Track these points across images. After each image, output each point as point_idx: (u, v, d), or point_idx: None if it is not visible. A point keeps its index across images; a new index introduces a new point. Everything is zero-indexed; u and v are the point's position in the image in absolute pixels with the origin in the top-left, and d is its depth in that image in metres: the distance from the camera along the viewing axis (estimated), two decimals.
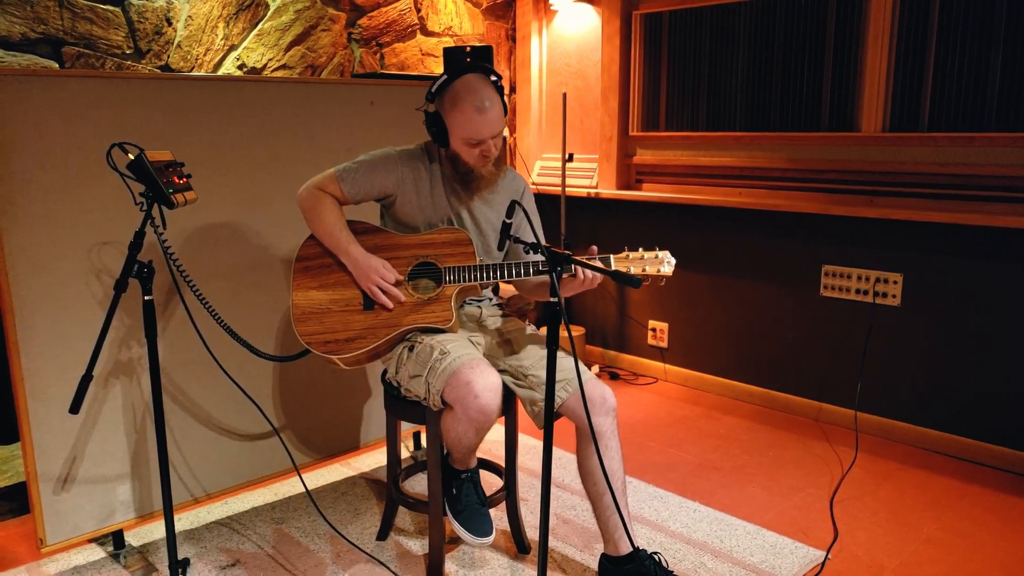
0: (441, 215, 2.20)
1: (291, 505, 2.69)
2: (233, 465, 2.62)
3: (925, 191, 3.11)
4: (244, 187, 2.53)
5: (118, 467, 2.36)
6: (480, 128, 2.01)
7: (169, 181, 1.78)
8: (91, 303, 2.25)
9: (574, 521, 2.59)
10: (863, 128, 3.25)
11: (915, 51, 3.07)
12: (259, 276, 2.60)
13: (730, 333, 3.72)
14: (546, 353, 2.19)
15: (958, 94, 2.99)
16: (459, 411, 1.96)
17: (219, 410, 2.55)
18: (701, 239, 3.76)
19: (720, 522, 2.59)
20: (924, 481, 2.88)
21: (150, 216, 1.78)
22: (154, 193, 1.74)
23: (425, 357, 2.04)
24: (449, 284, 2.12)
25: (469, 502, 2.18)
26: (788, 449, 3.18)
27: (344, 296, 2.15)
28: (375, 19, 3.74)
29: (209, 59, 3.25)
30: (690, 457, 3.12)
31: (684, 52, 3.78)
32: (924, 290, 3.10)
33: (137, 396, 2.36)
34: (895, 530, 2.55)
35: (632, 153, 4.06)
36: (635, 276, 1.49)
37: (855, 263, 3.28)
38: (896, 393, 3.21)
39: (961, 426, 3.05)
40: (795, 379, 3.53)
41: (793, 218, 3.44)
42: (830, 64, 3.31)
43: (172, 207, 1.78)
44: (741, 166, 3.65)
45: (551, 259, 1.69)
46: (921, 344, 3.13)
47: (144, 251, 1.89)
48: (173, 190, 1.78)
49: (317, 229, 2.14)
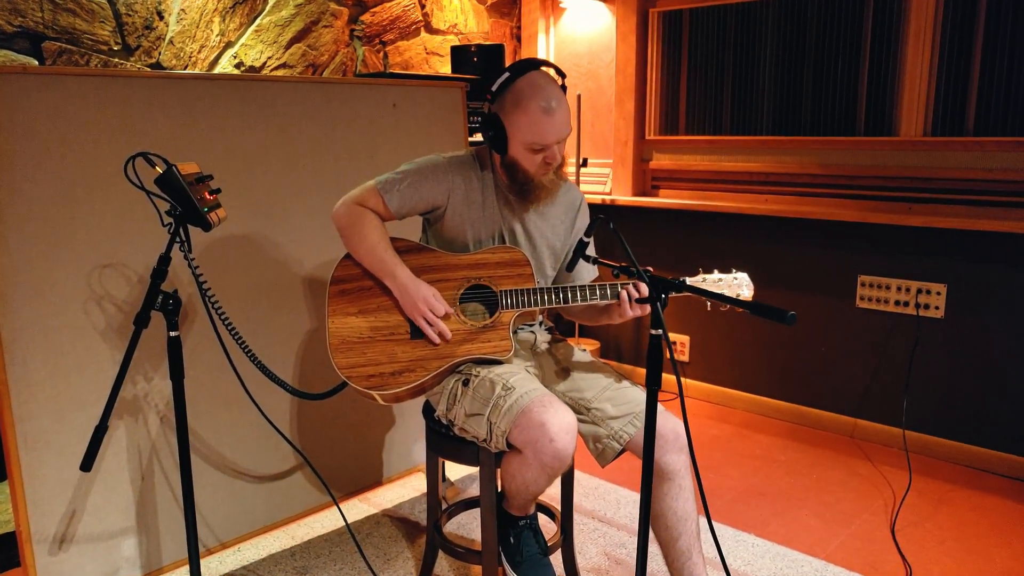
0: (492, 230, 1.96)
1: (312, 551, 2.42)
2: (248, 509, 2.35)
3: (969, 198, 2.96)
4: (260, 198, 2.27)
5: (122, 520, 2.08)
6: (546, 131, 1.78)
7: (201, 198, 1.51)
8: (91, 334, 1.97)
9: (628, 561, 2.38)
10: (902, 132, 3.09)
11: (960, 51, 2.92)
12: (277, 297, 2.33)
13: (757, 346, 3.55)
14: (610, 383, 1.99)
15: (1007, 97, 2.85)
16: (530, 455, 1.73)
17: (233, 450, 2.28)
18: (724, 248, 3.57)
19: (783, 558, 2.40)
20: (982, 503, 2.74)
21: (179, 238, 1.51)
22: (186, 212, 1.48)
23: (485, 393, 1.80)
24: (506, 310, 1.89)
25: (529, 552, 1.95)
26: (830, 469, 3.01)
27: (388, 324, 1.90)
28: (378, 15, 3.49)
29: (204, 57, 2.97)
30: (731, 482, 2.92)
31: (707, 52, 3.60)
32: (970, 301, 2.96)
33: (144, 439, 2.08)
34: (968, 561, 2.39)
35: (648, 158, 3.86)
36: (788, 312, 1.27)
37: (894, 273, 3.12)
38: (942, 409, 3.07)
39: (1014, 444, 2.91)
40: (829, 394, 3.37)
41: (826, 226, 3.28)
42: (867, 64, 3.15)
43: (208, 228, 1.51)
44: (768, 172, 3.48)
45: (654, 286, 1.48)
46: (968, 358, 2.98)
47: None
48: (208, 208, 1.52)
49: (358, 249, 1.88)
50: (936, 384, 3.07)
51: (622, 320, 1.92)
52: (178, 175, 1.46)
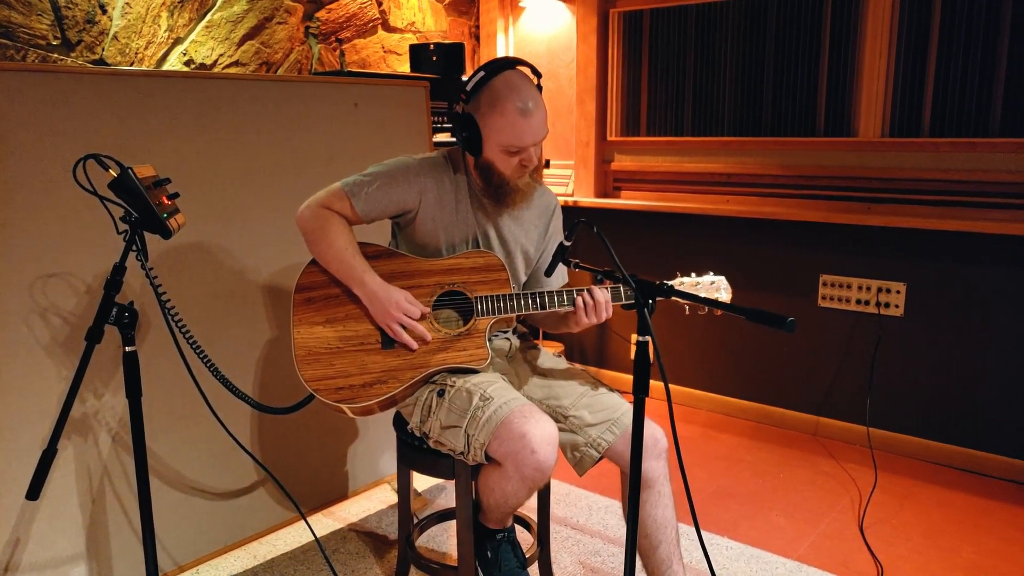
0: (466, 234, 1.89)
1: (276, 570, 2.31)
2: (207, 528, 2.23)
3: (927, 198, 3.01)
4: (215, 202, 2.15)
5: (71, 546, 1.94)
6: (523, 133, 1.72)
7: (159, 203, 1.41)
8: (35, 350, 1.84)
9: (603, 570, 2.33)
10: (861, 133, 3.13)
11: (916, 54, 2.96)
12: (234, 306, 2.22)
13: (720, 347, 3.55)
14: (586, 389, 1.94)
15: (961, 99, 2.90)
16: (510, 468, 1.67)
17: (189, 468, 2.17)
18: (685, 249, 3.57)
19: (757, 560, 2.39)
20: (945, 499, 2.77)
21: (135, 246, 1.40)
22: (145, 219, 1.37)
23: (462, 404, 1.73)
24: (482, 316, 1.82)
25: (508, 566, 1.89)
26: (797, 469, 3.03)
27: (357, 333, 1.81)
28: (334, 12, 3.39)
29: (151, 53, 2.83)
30: (700, 483, 2.91)
31: (667, 53, 3.59)
32: (929, 299, 3.00)
33: (94, 460, 1.95)
34: (935, 557, 2.41)
35: (610, 159, 3.84)
36: (787, 318, 1.23)
37: (855, 273, 3.15)
38: (904, 406, 3.11)
39: (974, 439, 2.96)
40: (792, 393, 3.39)
41: (787, 226, 3.29)
42: (825, 66, 3.17)
43: (168, 236, 1.41)
44: (730, 173, 3.49)
45: (640, 291, 1.43)
46: (927, 355, 3.03)
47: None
48: (167, 214, 1.42)
49: (324, 255, 1.79)
50: (898, 381, 3.10)
51: (579, 329, 1.88)
52: (135, 179, 1.35)
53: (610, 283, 1.71)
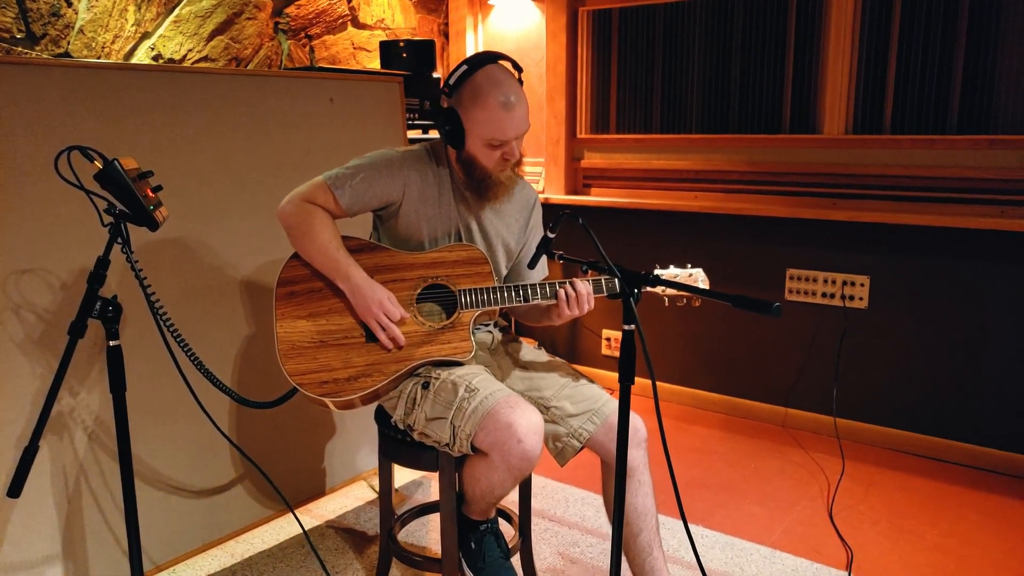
0: (448, 227, 1.91)
1: (255, 568, 2.30)
2: (185, 528, 2.20)
3: (889, 193, 3.10)
4: (191, 197, 2.13)
5: (46, 547, 1.91)
6: (505, 127, 1.74)
7: (145, 196, 1.39)
8: (8, 347, 1.80)
9: (582, 560, 2.36)
10: (825, 131, 3.21)
11: (878, 54, 3.05)
12: (211, 303, 2.20)
13: (690, 340, 3.61)
14: (567, 381, 1.96)
15: (920, 97, 2.99)
16: (496, 458, 1.69)
17: (167, 466, 2.14)
18: (656, 244, 3.62)
19: (732, 547, 2.44)
20: (909, 485, 2.86)
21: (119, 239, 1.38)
22: (132, 212, 1.36)
23: (448, 396, 1.74)
24: (466, 309, 1.84)
25: (492, 557, 1.90)
26: (767, 459, 3.09)
27: (341, 327, 1.81)
28: (304, 8, 3.36)
29: (118, 48, 2.78)
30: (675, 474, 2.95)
31: (636, 51, 3.63)
32: (892, 292, 3.10)
33: (70, 459, 1.92)
34: (901, 540, 2.49)
35: (580, 157, 3.87)
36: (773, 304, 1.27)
37: (820, 266, 3.24)
38: (869, 396, 3.19)
39: (936, 427, 3.06)
40: (760, 385, 3.46)
41: (754, 222, 3.36)
42: (791, 65, 3.25)
43: (155, 228, 1.39)
44: (697, 169, 3.55)
45: (626, 281, 1.46)
46: (891, 346, 3.12)
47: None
48: (152, 207, 1.40)
49: (308, 249, 1.79)
50: (863, 372, 3.19)
51: (561, 321, 1.90)
52: (121, 171, 1.34)
53: (595, 274, 1.73)
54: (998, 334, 2.89)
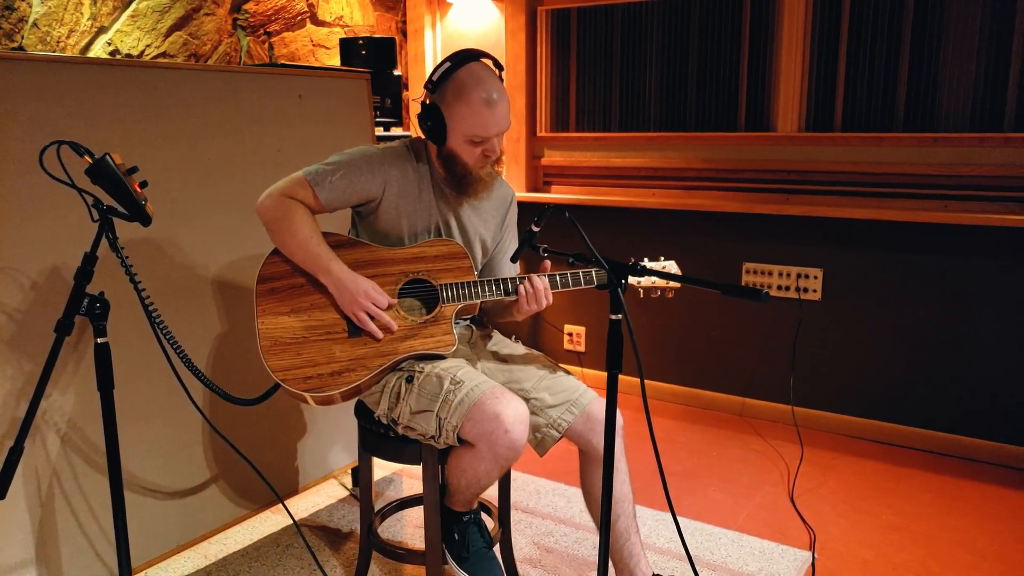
0: (428, 223, 1.93)
1: (229, 569, 2.27)
2: (158, 530, 2.17)
3: (840, 189, 3.23)
4: (162, 194, 2.10)
5: (19, 552, 1.86)
6: (487, 123, 1.77)
7: (134, 191, 1.38)
8: None
9: (558, 549, 2.41)
10: (779, 128, 3.32)
11: (828, 55, 3.17)
12: (183, 303, 2.17)
13: (650, 334, 3.69)
14: (545, 372, 2.00)
15: (869, 96, 3.13)
16: (483, 448, 1.71)
17: (139, 467, 2.11)
18: (616, 241, 3.69)
19: (701, 532, 2.52)
20: (863, 468, 2.99)
21: (106, 235, 1.37)
22: (126, 208, 1.34)
23: (433, 389, 1.76)
24: (448, 303, 1.86)
25: (476, 547, 1.93)
26: (728, 447, 3.19)
27: (323, 322, 1.82)
28: (262, 4, 3.33)
29: (74, 42, 2.72)
30: (640, 465, 2.98)
31: (595, 50, 3.70)
32: (844, 284, 3.22)
33: (42, 462, 1.87)
34: (859, 521, 2.60)
35: (540, 155, 3.92)
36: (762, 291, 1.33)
37: (775, 260, 3.35)
38: (823, 385, 3.32)
39: (888, 413, 3.20)
40: (719, 376, 3.56)
41: (711, 217, 3.46)
42: (745, 64, 3.35)
43: (148, 223, 1.38)
44: (656, 167, 3.63)
45: (613, 272, 1.50)
46: (844, 336, 3.25)
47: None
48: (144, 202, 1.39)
49: (288, 244, 1.79)
50: (818, 361, 3.32)
51: (521, 317, 1.95)
52: (113, 165, 1.32)
53: (581, 265, 1.77)
54: (943, 322, 3.04)
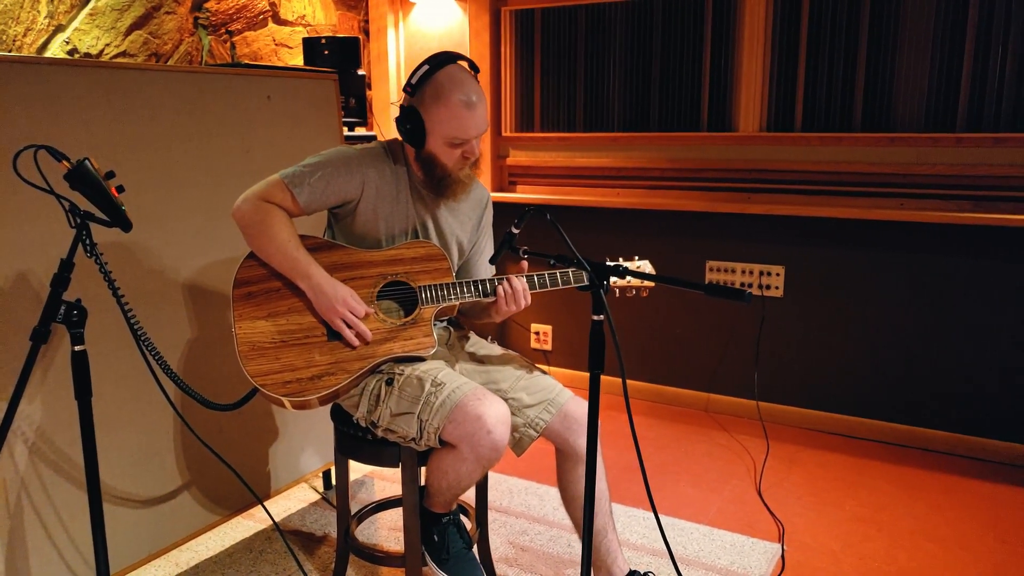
0: (406, 225, 1.92)
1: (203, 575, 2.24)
2: (129, 539, 2.13)
3: (800, 187, 3.31)
4: (131, 201, 2.04)
5: None
6: (467, 126, 1.78)
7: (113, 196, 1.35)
8: None
9: (533, 548, 2.43)
10: (741, 129, 3.39)
11: (788, 57, 3.25)
12: (152, 309, 2.13)
13: (617, 331, 3.73)
14: (522, 372, 2.02)
15: (827, 98, 3.21)
16: (466, 449, 1.72)
17: (108, 475, 2.06)
18: (581, 239, 3.70)
19: (673, 527, 2.56)
20: (826, 461, 3.07)
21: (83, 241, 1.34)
22: (106, 213, 1.31)
23: (414, 391, 1.76)
24: (427, 305, 1.86)
25: (456, 548, 1.93)
26: (695, 443, 3.25)
27: (302, 326, 1.80)
28: (224, 3, 3.27)
29: (30, 41, 2.64)
30: (610, 462, 3.02)
31: (559, 51, 3.72)
32: (804, 280, 3.31)
33: (10, 472, 1.82)
34: (825, 512, 2.67)
35: (505, 155, 3.94)
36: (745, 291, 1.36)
37: (738, 258, 3.42)
38: (786, 380, 3.40)
39: (849, 406, 3.29)
40: (684, 372, 3.62)
41: (674, 216, 3.52)
42: (708, 65, 3.41)
43: (129, 228, 1.35)
44: (620, 167, 3.67)
45: (595, 273, 1.52)
46: (805, 331, 3.33)
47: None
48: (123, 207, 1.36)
49: (266, 248, 1.77)
50: (781, 357, 3.39)
51: (500, 318, 1.96)
52: (94, 170, 1.29)
53: (562, 267, 1.79)
54: (900, 317, 3.14)
